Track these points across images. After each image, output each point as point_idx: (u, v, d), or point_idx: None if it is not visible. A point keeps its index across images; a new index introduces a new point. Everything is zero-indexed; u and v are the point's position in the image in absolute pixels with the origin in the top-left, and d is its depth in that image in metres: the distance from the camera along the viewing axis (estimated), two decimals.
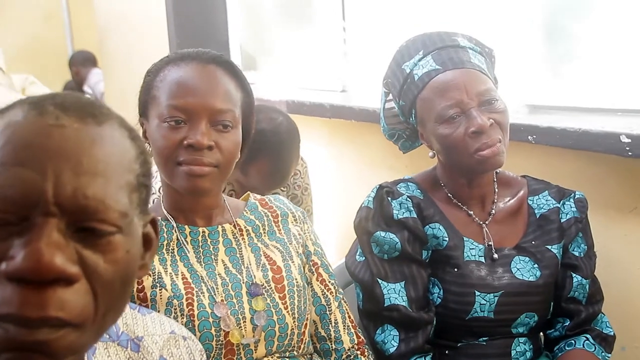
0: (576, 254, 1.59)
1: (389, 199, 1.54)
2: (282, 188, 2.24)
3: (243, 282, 1.32)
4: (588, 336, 1.56)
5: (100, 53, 4.38)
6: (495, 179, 1.61)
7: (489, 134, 1.44)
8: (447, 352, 1.54)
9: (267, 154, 1.94)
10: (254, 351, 1.28)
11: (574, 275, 1.57)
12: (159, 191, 1.55)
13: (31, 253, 0.64)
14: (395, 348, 1.48)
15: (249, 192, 1.52)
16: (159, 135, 1.27)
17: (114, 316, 0.74)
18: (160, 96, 1.28)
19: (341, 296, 1.48)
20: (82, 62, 6.41)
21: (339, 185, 2.74)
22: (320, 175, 2.68)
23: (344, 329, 1.45)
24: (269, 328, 1.30)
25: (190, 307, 1.25)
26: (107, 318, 0.72)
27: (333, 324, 1.44)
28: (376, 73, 2.13)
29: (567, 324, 1.58)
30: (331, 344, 1.43)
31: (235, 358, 1.27)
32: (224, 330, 1.26)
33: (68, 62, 6.60)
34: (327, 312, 1.44)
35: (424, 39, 1.57)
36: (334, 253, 2.58)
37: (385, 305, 1.49)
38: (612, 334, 1.59)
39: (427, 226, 1.53)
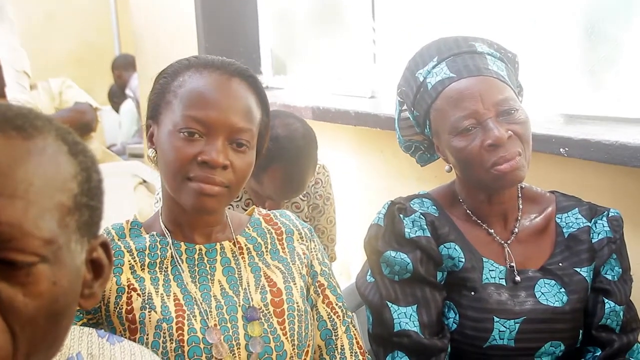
0: (609, 277, 1.47)
1: (401, 216, 1.44)
2: (302, 197, 2.15)
3: (239, 305, 1.24)
4: None
5: (137, 57, 4.38)
6: (519, 195, 1.50)
7: (506, 147, 1.33)
8: None
9: (281, 161, 1.85)
10: None
11: (606, 300, 1.45)
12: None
13: None
14: None
15: (254, 206, 1.44)
16: (171, 146, 1.19)
17: (45, 356, 0.66)
18: (176, 103, 1.20)
19: (349, 320, 1.39)
20: (124, 66, 6.46)
21: (365, 196, 2.65)
22: (346, 184, 2.59)
23: (351, 355, 1.35)
24: (266, 356, 1.21)
25: (180, 332, 1.17)
26: (38, 357, 0.64)
27: (339, 350, 1.35)
28: None
29: (598, 354, 1.45)
30: None
31: None
32: (215, 358, 1.17)
33: (111, 66, 6.67)
34: (333, 337, 1.35)
35: (439, 45, 1.47)
36: (359, 266, 2.48)
37: (395, 330, 1.39)
38: None
39: (442, 246, 1.43)
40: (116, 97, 6.60)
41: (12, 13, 2.82)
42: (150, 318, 1.18)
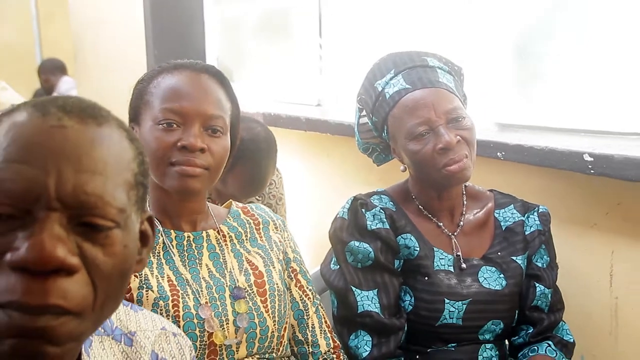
0: (539, 264, 1.67)
1: (363, 210, 1.61)
2: (257, 197, 2.30)
3: (226, 286, 1.37)
4: (550, 342, 1.64)
5: (75, 62, 4.39)
6: (464, 192, 1.69)
7: (455, 150, 1.52)
8: (417, 357, 1.60)
9: (245, 162, 1.99)
10: (235, 352, 1.34)
11: (537, 284, 1.65)
12: None
13: (34, 244, 0.68)
14: (368, 353, 1.54)
15: (230, 200, 1.58)
16: (153, 137, 1.32)
17: (112, 307, 0.79)
18: (154, 101, 1.34)
19: (318, 302, 1.54)
20: (51, 70, 6.40)
21: (313, 197, 2.80)
22: (295, 186, 2.74)
23: (321, 333, 1.51)
24: (251, 330, 1.36)
25: (175, 309, 1.30)
26: (105, 309, 0.76)
27: (310, 328, 1.50)
28: (351, 89, 2.19)
29: (530, 331, 1.66)
30: (308, 348, 1.49)
31: (217, 358, 1.32)
32: (207, 331, 1.31)
33: (37, 70, 6.58)
34: (305, 317, 1.50)
35: (395, 59, 1.64)
36: (307, 262, 2.62)
37: (358, 311, 1.55)
38: (572, 340, 1.67)
39: (399, 237, 1.60)
40: None
41: None
42: (147, 297, 1.30)
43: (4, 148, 0.72)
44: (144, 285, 1.31)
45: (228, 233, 1.45)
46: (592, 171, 1.67)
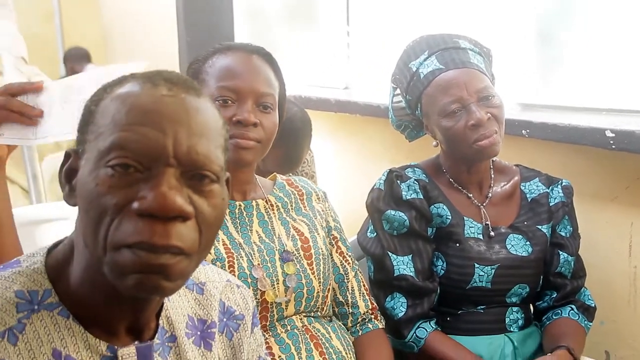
0: (563, 234, 1.78)
1: (398, 181, 1.72)
2: (291, 175, 2.41)
3: (276, 249, 1.49)
4: (573, 306, 1.75)
5: (105, 49, 4.50)
6: (491, 166, 1.79)
7: (486, 127, 1.62)
8: (448, 318, 1.72)
9: (282, 141, 2.09)
10: (284, 309, 1.46)
11: (560, 252, 1.77)
12: None
13: (159, 194, 0.81)
14: (403, 313, 1.67)
15: (275, 173, 1.69)
16: None
17: (207, 253, 0.91)
18: (209, 80, 1.46)
19: (357, 267, 1.66)
20: (77, 59, 6.51)
21: (342, 175, 2.91)
22: (325, 165, 2.85)
23: (360, 295, 1.63)
24: (299, 290, 1.48)
25: (231, 269, 1.42)
26: (204, 253, 0.89)
27: (350, 291, 1.62)
28: (378, 72, 2.29)
29: (554, 295, 1.77)
30: (348, 309, 1.61)
31: (268, 315, 1.44)
32: (260, 290, 1.43)
33: (63, 58, 6.69)
34: (345, 280, 1.62)
35: (428, 41, 1.75)
36: None
37: (394, 275, 1.68)
38: (593, 305, 1.78)
39: (432, 206, 1.72)
40: None
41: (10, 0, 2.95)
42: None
43: (125, 113, 0.84)
44: None
45: (275, 203, 1.57)
46: (613, 147, 1.77)
